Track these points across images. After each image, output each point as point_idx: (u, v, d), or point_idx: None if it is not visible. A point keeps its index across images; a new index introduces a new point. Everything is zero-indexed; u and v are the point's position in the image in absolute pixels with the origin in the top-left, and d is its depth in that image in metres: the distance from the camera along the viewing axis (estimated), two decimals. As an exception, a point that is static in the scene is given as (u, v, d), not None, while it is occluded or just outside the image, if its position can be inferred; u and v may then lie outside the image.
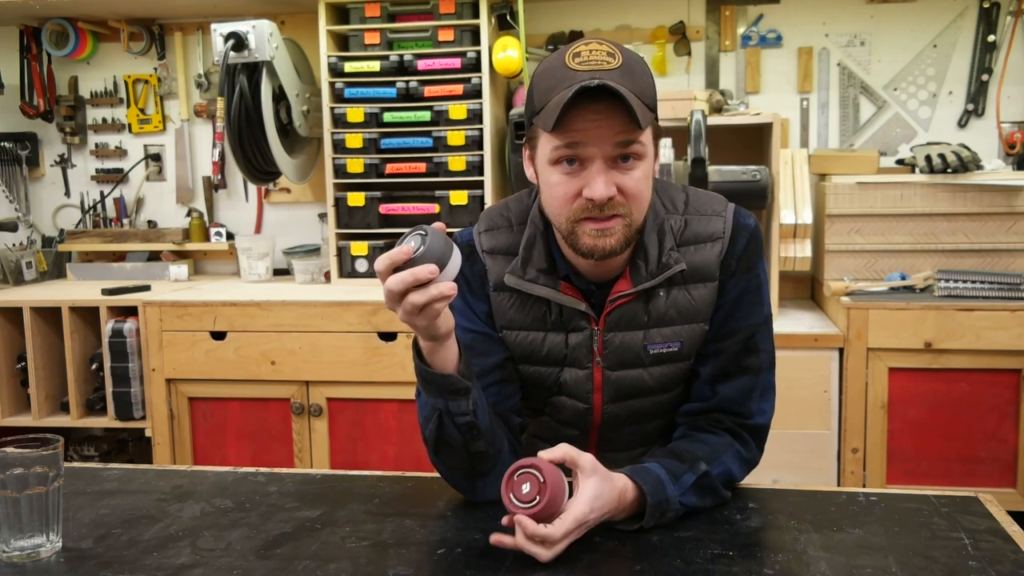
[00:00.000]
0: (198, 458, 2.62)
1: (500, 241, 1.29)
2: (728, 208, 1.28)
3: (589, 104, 1.08)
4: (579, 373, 1.28)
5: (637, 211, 1.16)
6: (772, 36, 2.88)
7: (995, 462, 2.33)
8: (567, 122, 1.09)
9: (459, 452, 1.16)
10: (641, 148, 1.13)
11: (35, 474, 1.04)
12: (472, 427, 1.14)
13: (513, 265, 1.26)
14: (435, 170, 2.69)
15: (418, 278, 1.00)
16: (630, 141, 1.11)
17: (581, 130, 1.10)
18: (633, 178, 1.14)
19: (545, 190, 1.19)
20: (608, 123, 1.09)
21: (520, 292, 1.26)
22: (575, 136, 1.11)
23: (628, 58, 1.13)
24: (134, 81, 3.23)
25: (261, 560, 1.04)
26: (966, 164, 2.45)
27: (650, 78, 1.16)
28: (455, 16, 2.68)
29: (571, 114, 1.09)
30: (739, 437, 1.24)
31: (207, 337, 2.55)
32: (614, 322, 1.24)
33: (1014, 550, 1.03)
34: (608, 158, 1.12)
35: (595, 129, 1.10)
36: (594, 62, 1.11)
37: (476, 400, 1.14)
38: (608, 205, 1.13)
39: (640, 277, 1.22)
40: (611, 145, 1.11)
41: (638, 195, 1.15)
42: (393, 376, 2.46)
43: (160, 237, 3.18)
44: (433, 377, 1.11)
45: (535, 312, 1.27)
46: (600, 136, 1.10)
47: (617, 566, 1.00)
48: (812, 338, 2.35)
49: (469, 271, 1.29)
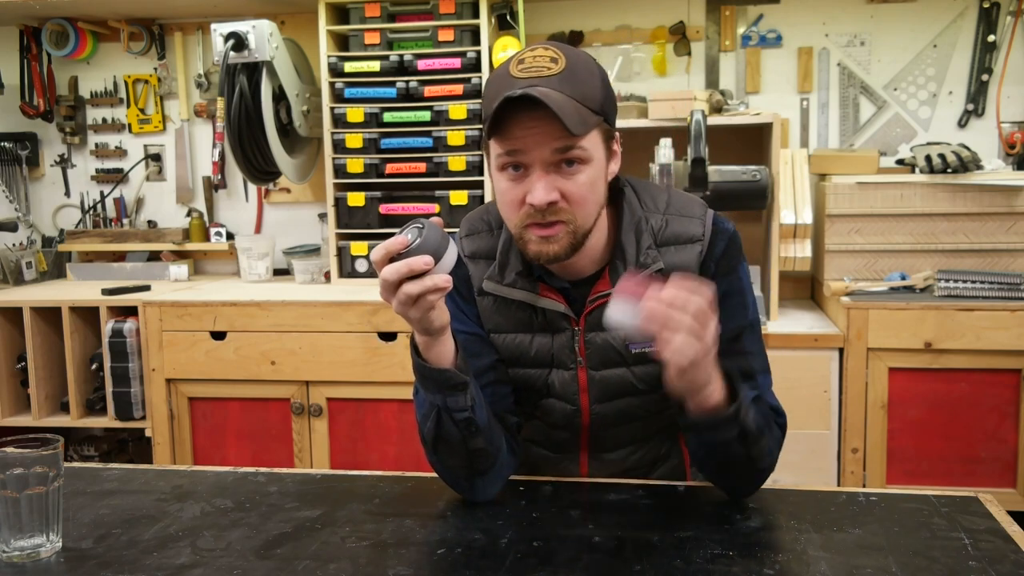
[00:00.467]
0: (198, 458, 2.62)
1: (481, 245, 1.30)
2: (708, 212, 1.28)
3: (527, 111, 1.09)
4: (565, 375, 1.28)
5: (582, 216, 1.16)
6: (772, 36, 2.88)
7: (995, 462, 2.33)
8: (506, 130, 1.11)
9: (458, 449, 1.16)
10: (582, 153, 1.13)
11: (35, 474, 1.04)
12: (470, 423, 1.14)
13: (491, 271, 1.27)
14: (435, 170, 2.69)
15: (412, 268, 1.01)
16: (568, 147, 1.11)
17: (520, 137, 1.11)
18: (576, 183, 1.14)
19: (497, 195, 1.20)
20: (545, 130, 1.10)
21: (502, 297, 1.26)
22: (514, 144, 1.12)
23: (573, 63, 1.13)
24: (134, 81, 3.23)
25: (261, 560, 1.04)
26: (966, 164, 2.45)
27: (597, 80, 1.15)
28: (455, 16, 2.68)
29: (510, 122, 1.11)
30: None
31: (207, 337, 2.55)
32: (595, 322, 1.24)
33: (1014, 550, 1.03)
34: (548, 163, 1.12)
35: (532, 136, 1.11)
36: (534, 68, 1.12)
37: (474, 396, 1.14)
38: (550, 211, 1.13)
39: (619, 276, 1.23)
40: (549, 151, 1.11)
41: (581, 200, 1.15)
42: (393, 376, 2.46)
43: (160, 237, 3.18)
44: (430, 372, 1.11)
45: (520, 315, 1.27)
46: (537, 142, 1.11)
47: (617, 566, 1.00)
48: (812, 338, 2.35)
49: (456, 275, 1.29)
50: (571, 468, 1.38)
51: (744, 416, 1.10)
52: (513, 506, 1.19)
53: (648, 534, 1.08)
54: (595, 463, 1.37)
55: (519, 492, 1.24)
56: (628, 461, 1.37)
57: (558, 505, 1.19)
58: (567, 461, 1.38)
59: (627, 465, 1.37)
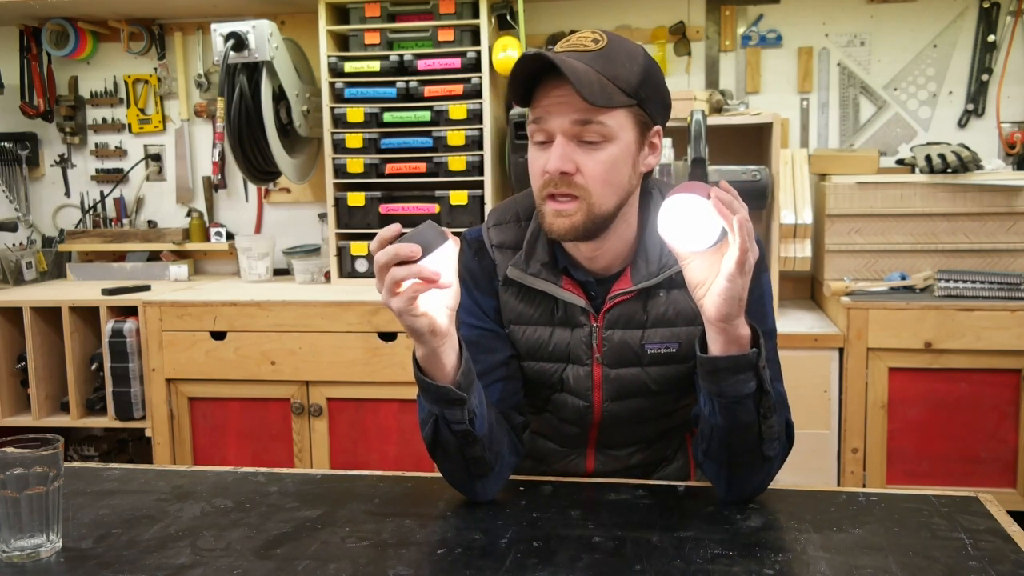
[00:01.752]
0: (198, 458, 2.62)
1: (508, 236, 1.30)
2: None
3: (554, 81, 1.12)
4: (580, 370, 1.28)
5: (598, 195, 1.16)
6: (772, 36, 2.88)
7: (995, 462, 2.33)
8: (536, 98, 1.16)
9: (455, 456, 1.17)
10: (603, 128, 1.13)
11: (35, 474, 1.04)
12: (468, 435, 1.14)
13: (516, 259, 1.27)
14: (435, 170, 2.69)
15: (399, 254, 1.01)
16: (588, 120, 1.12)
17: (544, 105, 1.14)
18: (595, 159, 1.14)
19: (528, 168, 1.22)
20: (568, 100, 1.12)
21: (526, 287, 1.26)
22: (539, 111, 1.15)
23: (614, 45, 1.15)
24: (134, 81, 3.23)
25: (261, 560, 1.04)
26: (966, 164, 2.45)
27: (637, 66, 1.15)
28: (455, 16, 2.68)
29: (540, 91, 1.15)
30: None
31: (207, 337, 2.55)
32: (613, 319, 1.24)
33: (1014, 550, 1.03)
34: (570, 135, 1.14)
35: (555, 104, 1.13)
36: (572, 44, 1.16)
37: (473, 409, 1.13)
38: (563, 182, 1.14)
39: (640, 276, 1.23)
40: (568, 121, 1.13)
41: (597, 178, 1.15)
42: (393, 376, 2.46)
43: (160, 237, 3.18)
44: (428, 387, 1.11)
45: (543, 307, 1.27)
46: (559, 111, 1.13)
47: (617, 566, 1.00)
48: (812, 338, 2.35)
49: (478, 267, 1.30)
50: (577, 463, 1.38)
51: (762, 369, 1.09)
52: (513, 506, 1.19)
53: (648, 534, 1.08)
54: (601, 459, 1.37)
55: (519, 492, 1.24)
56: (634, 459, 1.37)
57: (558, 505, 1.19)
58: (574, 455, 1.38)
59: (632, 463, 1.37)
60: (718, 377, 1.09)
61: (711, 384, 1.10)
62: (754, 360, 1.08)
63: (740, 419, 1.11)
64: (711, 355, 1.09)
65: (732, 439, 1.14)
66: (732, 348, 1.08)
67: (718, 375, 1.09)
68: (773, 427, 1.14)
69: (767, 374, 1.10)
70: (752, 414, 1.11)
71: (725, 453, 1.15)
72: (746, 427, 1.12)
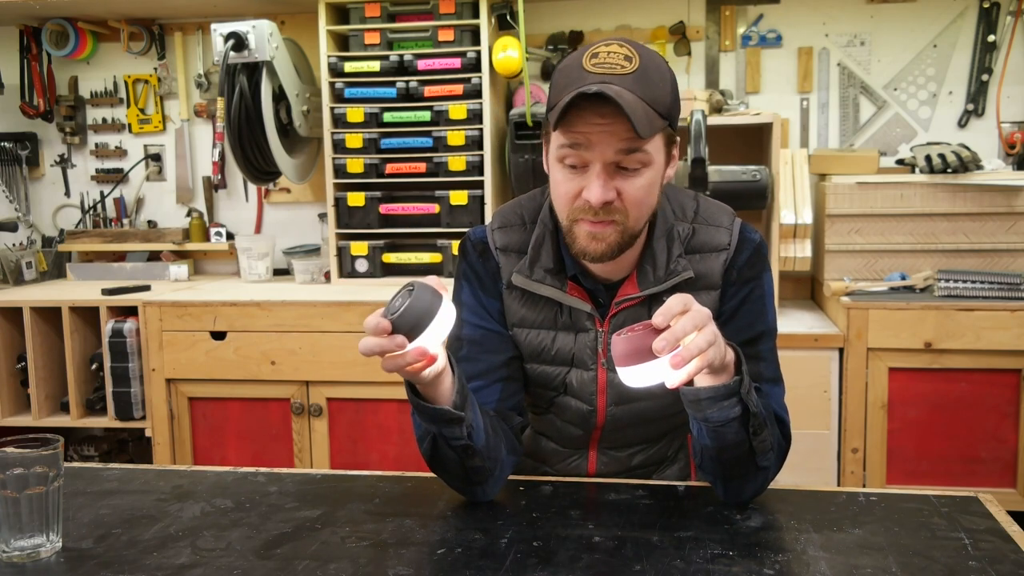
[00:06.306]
0: (198, 458, 2.62)
1: (512, 239, 1.29)
2: (735, 222, 1.27)
3: (596, 107, 1.08)
4: (585, 375, 1.28)
5: (635, 218, 1.15)
6: (772, 36, 2.88)
7: (995, 462, 2.33)
8: (572, 123, 1.09)
9: (454, 468, 1.17)
10: (645, 156, 1.12)
11: (35, 474, 1.04)
12: (467, 448, 1.14)
13: (521, 265, 1.26)
14: (435, 170, 2.69)
15: (384, 348, 1.01)
16: (633, 149, 1.10)
17: (585, 132, 1.10)
18: (634, 185, 1.13)
19: (552, 185, 1.20)
20: (612, 129, 1.09)
21: (530, 291, 1.26)
22: (578, 138, 1.11)
23: (647, 63, 1.11)
24: (134, 81, 3.23)
25: (261, 560, 1.04)
26: (966, 164, 2.45)
27: (667, 84, 1.14)
28: (455, 16, 2.68)
29: (577, 116, 1.09)
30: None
31: (207, 337, 2.55)
32: (619, 324, 1.24)
33: (1014, 550, 1.03)
34: (610, 163, 1.11)
35: (598, 134, 1.09)
36: (608, 65, 1.10)
37: (471, 423, 1.13)
38: (605, 210, 1.13)
39: (647, 282, 1.23)
40: (612, 151, 1.10)
41: (638, 203, 1.14)
42: (393, 376, 2.43)
43: (160, 237, 3.18)
44: (423, 409, 1.11)
45: (546, 311, 1.27)
46: (602, 141, 1.10)
47: (617, 566, 1.00)
48: (812, 338, 2.35)
49: (483, 268, 1.30)
50: (579, 464, 1.38)
51: (746, 394, 1.08)
52: (513, 506, 1.19)
53: (648, 534, 1.08)
54: (603, 460, 1.37)
55: (519, 492, 1.24)
56: (635, 460, 1.37)
57: (558, 505, 1.19)
58: (575, 456, 1.38)
59: (634, 463, 1.37)
60: (701, 406, 1.08)
61: (695, 411, 1.10)
62: (736, 388, 1.07)
63: (729, 439, 1.12)
64: (693, 387, 1.08)
65: (723, 456, 1.14)
66: (717, 379, 1.07)
67: (700, 404, 1.08)
68: (765, 441, 1.13)
69: (753, 397, 1.09)
70: (741, 433, 1.11)
71: (718, 467, 1.16)
72: (736, 445, 1.12)
